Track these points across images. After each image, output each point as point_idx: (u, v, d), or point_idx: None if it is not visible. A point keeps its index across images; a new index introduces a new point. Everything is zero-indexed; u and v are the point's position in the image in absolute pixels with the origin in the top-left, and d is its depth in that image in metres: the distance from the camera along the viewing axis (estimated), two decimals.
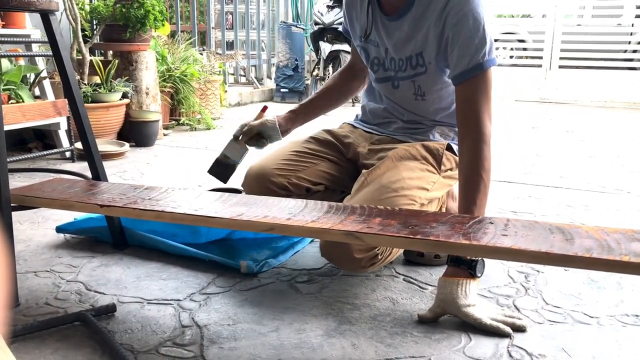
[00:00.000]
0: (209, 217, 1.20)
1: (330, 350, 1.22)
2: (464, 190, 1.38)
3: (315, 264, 1.70)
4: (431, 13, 1.43)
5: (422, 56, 1.50)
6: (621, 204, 2.42)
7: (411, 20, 1.47)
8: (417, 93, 1.57)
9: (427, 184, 1.52)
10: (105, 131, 3.40)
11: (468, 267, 1.34)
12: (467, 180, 1.38)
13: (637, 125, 4.99)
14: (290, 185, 1.59)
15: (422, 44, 1.48)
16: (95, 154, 1.70)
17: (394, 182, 1.45)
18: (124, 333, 1.28)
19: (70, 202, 1.39)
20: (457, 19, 1.39)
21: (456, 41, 1.40)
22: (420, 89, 1.56)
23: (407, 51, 1.52)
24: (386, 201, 1.41)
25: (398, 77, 1.58)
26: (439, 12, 1.41)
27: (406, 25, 1.48)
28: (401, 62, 1.55)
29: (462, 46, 1.39)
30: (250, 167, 1.65)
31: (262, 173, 1.60)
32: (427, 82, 1.54)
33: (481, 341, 1.26)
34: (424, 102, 1.59)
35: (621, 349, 1.24)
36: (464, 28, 1.38)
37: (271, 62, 6.90)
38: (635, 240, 1.00)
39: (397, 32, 1.51)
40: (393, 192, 1.43)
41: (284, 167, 1.61)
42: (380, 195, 1.42)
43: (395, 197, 1.42)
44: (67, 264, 1.67)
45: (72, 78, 1.62)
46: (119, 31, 3.60)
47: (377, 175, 1.49)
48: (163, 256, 1.72)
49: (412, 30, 1.48)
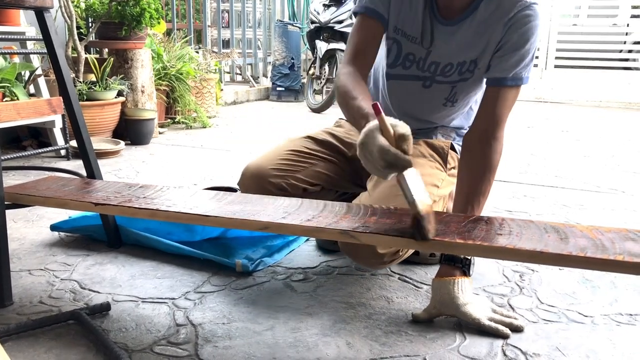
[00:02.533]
0: (204, 216, 1.19)
1: (325, 349, 1.22)
2: (467, 189, 1.38)
3: (310, 262, 1.70)
4: (496, 20, 1.40)
5: (475, 63, 1.46)
6: (616, 204, 2.43)
7: (473, 26, 1.42)
8: (449, 99, 1.55)
9: (437, 181, 1.53)
10: (101, 129, 3.39)
11: (462, 265, 1.34)
12: (474, 179, 1.39)
13: (632, 125, 5.00)
14: (287, 186, 1.57)
15: (482, 51, 1.44)
16: (90, 152, 1.69)
17: None
18: (118, 332, 1.27)
19: (65, 200, 1.38)
20: (521, 30, 1.39)
21: (511, 49, 1.40)
22: (455, 96, 1.54)
23: (462, 57, 1.47)
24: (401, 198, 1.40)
25: (435, 80, 1.52)
26: (505, 20, 1.39)
27: (466, 31, 1.43)
28: (449, 67, 1.49)
29: (515, 55, 1.40)
30: (247, 167, 1.60)
31: (259, 173, 1.57)
32: (465, 88, 1.53)
33: (476, 340, 1.26)
34: (451, 108, 1.58)
35: (615, 348, 1.24)
36: (523, 39, 1.39)
37: (267, 60, 6.90)
38: (629, 239, 1.00)
39: (454, 38, 1.44)
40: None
41: (282, 168, 1.57)
42: (397, 191, 1.43)
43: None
44: (61, 263, 1.66)
45: (66, 76, 1.61)
46: (115, 29, 3.58)
47: None
48: (158, 255, 1.72)
49: (473, 36, 1.43)
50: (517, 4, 1.38)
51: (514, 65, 1.40)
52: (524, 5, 1.38)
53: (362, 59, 1.44)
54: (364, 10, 1.45)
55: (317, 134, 1.72)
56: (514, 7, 1.38)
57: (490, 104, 1.42)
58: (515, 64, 1.40)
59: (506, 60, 1.40)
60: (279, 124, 4.62)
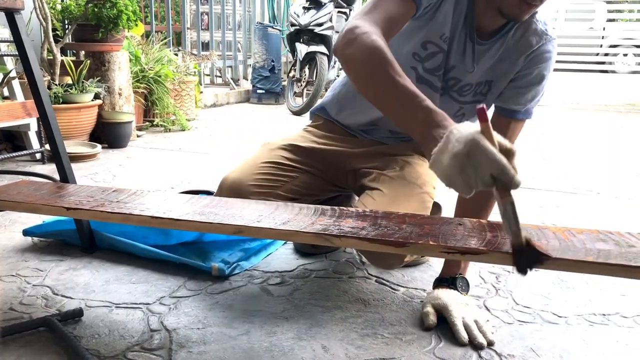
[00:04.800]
0: (177, 220, 1.18)
1: (300, 353, 1.21)
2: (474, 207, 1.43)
3: (287, 266, 1.69)
4: (520, 50, 1.39)
5: (490, 86, 1.45)
6: (592, 205, 2.46)
7: (500, 51, 1.40)
8: (457, 116, 1.52)
9: (433, 181, 1.55)
10: (77, 132, 3.35)
11: (449, 284, 1.40)
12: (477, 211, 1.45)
13: (608, 127, 5.08)
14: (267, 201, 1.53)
15: (499, 76, 1.43)
16: (64, 156, 1.66)
17: (416, 178, 1.49)
18: (91, 338, 1.25)
19: (36, 205, 1.35)
20: (541, 65, 1.40)
21: (529, 83, 1.41)
22: (464, 117, 1.52)
23: (481, 78, 1.44)
24: (416, 198, 1.45)
25: (448, 94, 1.48)
26: (529, 50, 1.39)
27: (494, 54, 1.40)
28: (468, 87, 1.46)
29: (532, 90, 1.42)
30: (224, 179, 1.53)
31: (238, 188, 1.49)
32: (473, 111, 1.51)
33: (451, 343, 1.26)
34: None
35: (588, 348, 1.25)
36: (540, 75, 1.41)
37: (247, 63, 6.88)
38: (600, 240, 1.01)
39: (482, 60, 1.41)
40: (418, 188, 1.47)
41: (262, 184, 1.51)
42: (410, 190, 1.46)
43: (422, 193, 1.47)
44: (33, 268, 1.63)
45: (38, 78, 1.59)
46: (91, 31, 3.55)
47: (397, 172, 1.51)
48: (133, 259, 1.70)
49: (498, 60, 1.41)
50: (543, 37, 1.39)
51: (529, 100, 1.43)
52: (547, 40, 1.39)
53: (389, 30, 1.20)
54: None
55: (296, 139, 1.65)
56: (539, 40, 1.39)
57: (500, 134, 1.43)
58: (530, 99, 1.43)
59: (522, 94, 1.42)
60: (259, 126, 4.61)
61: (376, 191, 1.48)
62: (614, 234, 1.05)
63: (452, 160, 0.88)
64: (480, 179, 0.87)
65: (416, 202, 1.45)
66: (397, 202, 1.41)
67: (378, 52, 1.08)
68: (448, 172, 0.89)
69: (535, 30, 1.38)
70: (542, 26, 1.39)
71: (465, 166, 0.87)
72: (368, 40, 1.10)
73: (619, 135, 4.65)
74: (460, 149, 0.87)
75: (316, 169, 1.61)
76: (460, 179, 0.88)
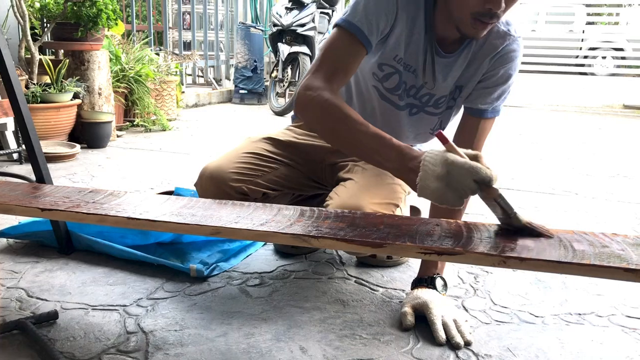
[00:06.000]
0: (154, 221, 1.17)
1: (278, 354, 1.21)
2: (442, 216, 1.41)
3: (267, 267, 1.69)
4: (487, 51, 1.41)
5: (460, 90, 1.48)
6: (569, 205, 2.49)
7: (467, 58, 1.43)
8: (435, 128, 1.56)
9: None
10: (56, 132, 3.31)
11: (428, 284, 1.41)
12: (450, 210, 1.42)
13: (586, 129, 5.14)
14: (247, 190, 1.54)
15: (468, 80, 1.46)
16: (40, 156, 1.64)
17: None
18: (66, 341, 1.24)
19: (10, 205, 1.33)
20: (507, 65, 1.42)
21: (495, 83, 1.44)
22: (441, 125, 1.56)
23: (453, 86, 1.48)
24: (387, 187, 1.48)
25: (424, 110, 1.52)
26: (494, 52, 1.41)
27: (461, 63, 1.43)
28: (443, 99, 1.50)
29: (499, 90, 1.44)
30: (205, 168, 1.54)
31: (219, 176, 1.51)
32: (449, 116, 1.56)
33: (429, 343, 1.27)
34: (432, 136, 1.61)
35: (563, 348, 1.26)
36: (507, 75, 1.43)
37: (230, 63, 6.85)
38: (575, 240, 1.02)
39: (451, 70, 1.44)
40: (390, 179, 1.49)
41: (242, 172, 1.53)
42: (382, 180, 1.49)
43: (393, 184, 1.49)
44: (8, 270, 1.60)
45: (13, 77, 1.56)
46: (71, 30, 3.50)
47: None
48: (110, 261, 1.68)
49: (466, 66, 1.44)
50: (507, 37, 1.41)
51: (496, 99, 1.45)
52: (512, 40, 1.42)
53: (342, 78, 1.31)
54: (355, 31, 1.30)
55: (277, 134, 1.68)
56: (504, 41, 1.41)
57: (469, 133, 1.47)
58: (497, 98, 1.45)
59: (489, 94, 1.44)
60: (241, 126, 4.59)
61: (349, 181, 1.52)
62: (589, 235, 1.06)
63: (437, 182, 1.01)
64: (466, 188, 0.99)
65: (387, 190, 1.48)
66: (368, 190, 1.44)
67: (332, 110, 1.19)
68: (438, 194, 1.02)
69: (498, 33, 1.41)
70: (504, 27, 1.41)
71: (450, 182, 0.99)
72: (321, 101, 1.21)
73: (597, 136, 4.71)
74: (441, 171, 1.00)
75: (295, 162, 1.64)
76: (451, 195, 1.01)
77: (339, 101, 1.21)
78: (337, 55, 1.31)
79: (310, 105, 1.23)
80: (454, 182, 0.99)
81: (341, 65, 1.30)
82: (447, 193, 1.01)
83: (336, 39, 1.32)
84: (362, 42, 1.31)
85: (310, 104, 1.23)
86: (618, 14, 9.47)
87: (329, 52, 1.31)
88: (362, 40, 1.31)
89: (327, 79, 1.26)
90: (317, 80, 1.25)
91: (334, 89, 1.25)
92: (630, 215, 2.36)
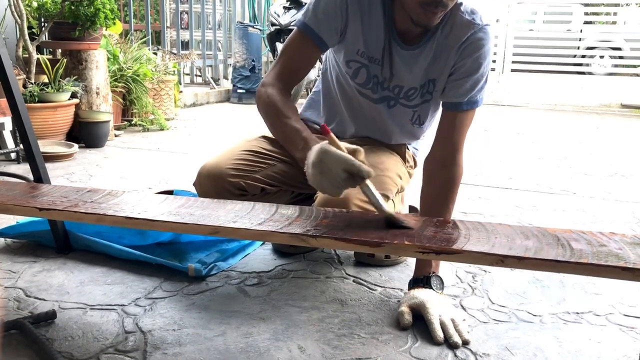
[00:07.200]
0: (152, 221, 1.16)
1: (276, 353, 1.21)
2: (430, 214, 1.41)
3: (265, 266, 1.69)
4: (451, 44, 1.42)
5: (434, 84, 1.48)
6: (568, 205, 2.49)
7: (432, 50, 1.43)
8: (414, 121, 1.58)
9: (400, 172, 1.59)
10: (53, 132, 3.30)
11: (424, 283, 1.41)
12: (436, 205, 1.45)
13: (584, 128, 5.15)
14: (245, 186, 1.55)
15: (440, 73, 1.46)
16: (37, 156, 1.64)
17: (379, 163, 1.52)
18: (64, 340, 1.23)
19: (7, 205, 1.33)
20: (474, 55, 1.41)
21: (465, 74, 1.42)
22: (420, 118, 1.57)
23: (424, 79, 1.48)
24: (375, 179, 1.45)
25: (399, 102, 1.54)
26: (459, 43, 1.41)
27: (427, 55, 1.44)
28: (413, 90, 1.50)
29: (470, 80, 1.43)
30: (203, 166, 1.56)
31: (217, 173, 1.52)
32: (426, 110, 1.56)
33: (427, 342, 1.27)
34: (419, 128, 1.61)
35: (561, 346, 1.27)
36: (476, 64, 1.42)
37: (228, 62, 6.85)
38: (573, 240, 1.03)
39: (417, 62, 1.45)
40: (380, 172, 1.49)
41: (239, 168, 1.54)
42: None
43: (382, 176, 1.49)
44: (6, 270, 1.60)
45: (11, 76, 1.56)
46: (68, 29, 3.50)
47: None
48: (109, 260, 1.68)
49: (432, 59, 1.45)
50: (471, 27, 1.40)
51: (469, 90, 1.43)
52: (477, 28, 1.40)
53: (293, 77, 1.45)
54: (307, 31, 1.42)
55: None
56: (468, 30, 1.40)
57: (447, 129, 1.46)
58: (470, 89, 1.43)
59: (461, 86, 1.43)
60: (239, 125, 4.59)
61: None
62: (586, 234, 1.06)
63: (312, 169, 1.12)
64: (337, 176, 1.09)
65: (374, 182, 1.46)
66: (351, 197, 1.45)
67: (271, 106, 1.36)
68: (314, 179, 1.12)
69: (462, 23, 1.41)
70: (468, 16, 1.41)
71: (323, 170, 1.10)
72: (264, 97, 1.38)
73: (595, 136, 4.72)
74: (314, 159, 1.12)
75: (292, 159, 1.63)
76: (325, 181, 1.11)
77: (278, 97, 1.37)
78: (289, 54, 1.45)
79: (259, 100, 1.40)
80: (326, 169, 1.09)
81: (291, 64, 1.45)
82: (322, 180, 1.11)
83: (291, 40, 1.46)
84: (314, 40, 1.42)
85: (258, 100, 1.41)
86: (616, 14, 9.48)
87: (284, 51, 1.46)
88: (313, 39, 1.42)
89: (276, 77, 1.42)
90: (269, 77, 1.43)
91: (282, 85, 1.40)
92: (628, 215, 2.37)
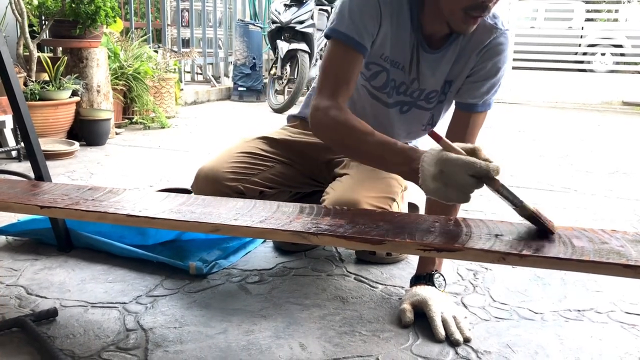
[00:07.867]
0: (153, 218, 1.16)
1: (278, 351, 1.21)
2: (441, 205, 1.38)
3: (266, 264, 1.69)
4: (474, 46, 1.41)
5: (450, 84, 1.48)
6: (568, 202, 2.49)
7: (455, 53, 1.43)
8: (428, 123, 1.57)
9: None
10: (54, 130, 3.30)
11: (427, 281, 1.41)
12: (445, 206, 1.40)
13: (585, 126, 5.14)
14: (243, 189, 1.54)
15: (457, 74, 1.46)
16: (38, 154, 1.64)
17: None
18: (65, 338, 1.24)
19: (9, 203, 1.33)
20: (495, 59, 1.41)
21: (484, 77, 1.43)
22: (433, 119, 1.56)
23: (443, 81, 1.48)
24: (383, 181, 1.49)
25: (416, 105, 1.52)
26: (481, 46, 1.41)
27: (449, 58, 1.44)
28: (434, 93, 1.50)
29: (488, 83, 1.43)
30: (201, 169, 1.56)
31: (215, 176, 1.53)
32: (441, 110, 1.55)
33: (428, 339, 1.27)
34: (425, 131, 1.60)
35: (562, 344, 1.27)
36: (495, 68, 1.42)
37: (228, 60, 6.84)
38: (574, 237, 1.02)
39: (439, 65, 1.44)
40: (386, 173, 1.48)
41: (238, 171, 1.54)
42: (377, 174, 1.48)
43: (389, 178, 1.50)
44: (7, 268, 1.60)
45: (12, 75, 1.56)
46: (69, 27, 3.50)
47: None
48: (110, 258, 1.68)
49: (455, 61, 1.44)
50: (493, 31, 1.40)
51: (485, 93, 1.44)
52: (499, 33, 1.41)
53: (345, 91, 1.33)
54: (346, 40, 1.33)
55: (272, 133, 1.70)
56: (490, 34, 1.40)
57: (461, 129, 1.46)
58: (486, 92, 1.44)
59: (478, 88, 1.44)
60: (240, 124, 4.59)
61: (345, 176, 1.53)
62: (588, 231, 1.06)
63: (434, 182, 1.02)
64: (465, 184, 0.98)
65: (383, 184, 1.49)
66: (364, 184, 1.45)
67: (339, 127, 1.26)
68: (440, 193, 1.02)
69: (485, 26, 1.40)
70: (490, 21, 1.41)
71: (447, 181, 1.00)
72: (328, 120, 1.28)
73: (596, 133, 4.71)
74: (434, 171, 1.01)
75: (291, 160, 1.65)
76: (452, 192, 1.01)
77: (345, 116, 1.27)
78: (335, 69, 1.34)
79: (320, 126, 1.31)
80: (451, 180, 1.00)
81: (341, 78, 1.33)
82: (448, 191, 1.01)
83: (331, 53, 1.36)
84: (356, 48, 1.34)
85: (320, 125, 1.31)
86: (617, 11, 9.45)
87: (327, 67, 1.36)
88: (355, 47, 1.34)
89: (331, 96, 1.30)
90: (323, 100, 1.30)
91: (340, 103, 1.30)
92: (629, 212, 2.36)
